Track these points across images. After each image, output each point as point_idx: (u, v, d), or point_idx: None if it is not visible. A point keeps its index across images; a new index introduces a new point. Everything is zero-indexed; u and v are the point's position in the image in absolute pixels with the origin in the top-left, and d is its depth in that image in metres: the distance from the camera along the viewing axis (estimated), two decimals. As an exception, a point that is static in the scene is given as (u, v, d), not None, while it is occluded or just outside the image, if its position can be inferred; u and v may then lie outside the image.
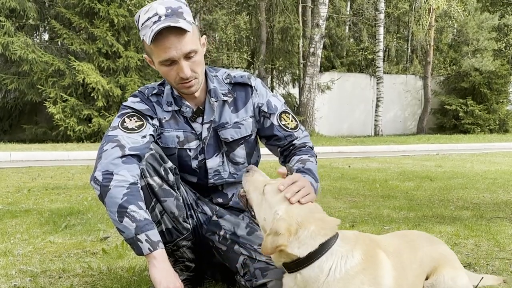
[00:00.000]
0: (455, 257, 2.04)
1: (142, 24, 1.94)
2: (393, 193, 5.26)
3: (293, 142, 2.23)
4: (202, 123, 2.15)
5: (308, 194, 1.73)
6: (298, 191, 1.71)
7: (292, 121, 2.26)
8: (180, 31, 1.91)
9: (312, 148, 2.25)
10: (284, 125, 2.23)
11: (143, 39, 1.97)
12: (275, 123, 2.22)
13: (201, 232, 2.24)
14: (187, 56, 1.95)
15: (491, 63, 20.86)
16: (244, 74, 2.23)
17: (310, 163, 2.10)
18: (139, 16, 1.96)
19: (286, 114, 2.26)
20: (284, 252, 1.65)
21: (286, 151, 2.25)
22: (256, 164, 2.33)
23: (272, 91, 2.32)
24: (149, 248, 1.78)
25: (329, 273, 1.64)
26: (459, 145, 14.47)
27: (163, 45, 1.91)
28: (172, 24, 1.88)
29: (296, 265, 1.67)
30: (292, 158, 2.17)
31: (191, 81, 2.00)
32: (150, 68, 15.12)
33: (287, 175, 1.80)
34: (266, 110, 2.22)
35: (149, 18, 1.92)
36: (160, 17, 1.90)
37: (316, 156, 2.22)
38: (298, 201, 1.70)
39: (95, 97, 13.92)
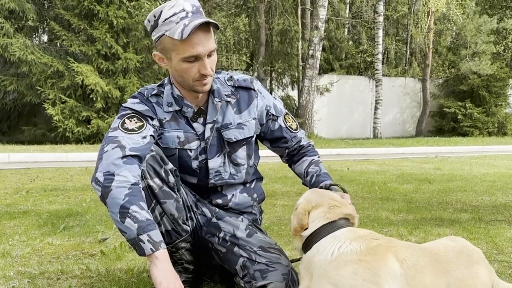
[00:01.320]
0: (490, 282, 1.88)
1: (166, 19, 1.94)
2: (392, 195, 5.26)
3: (301, 143, 2.34)
4: (205, 123, 2.15)
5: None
6: None
7: (293, 122, 2.36)
8: (207, 28, 1.94)
9: (314, 146, 2.41)
10: (289, 126, 2.32)
11: (163, 35, 1.96)
12: (283, 125, 2.30)
13: (200, 234, 2.24)
14: (209, 54, 1.98)
15: (489, 66, 20.87)
16: (247, 78, 2.25)
17: (321, 164, 2.29)
18: (162, 11, 1.95)
19: (288, 116, 2.35)
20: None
21: (294, 151, 2.35)
22: (255, 165, 2.35)
23: (271, 93, 2.36)
24: (151, 249, 1.78)
25: (322, 253, 1.70)
26: (458, 148, 14.48)
27: (192, 41, 1.91)
28: (211, 20, 1.91)
29: (305, 246, 1.80)
30: (304, 159, 2.31)
31: (208, 78, 2.03)
32: (149, 69, 15.13)
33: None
34: (274, 113, 2.29)
35: (175, 14, 1.93)
36: (187, 13, 1.93)
37: None
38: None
39: (94, 99, 13.93)
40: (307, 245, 1.79)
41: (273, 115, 2.28)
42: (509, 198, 5.08)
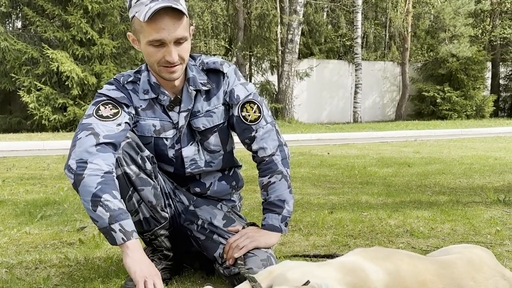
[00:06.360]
0: None
1: (137, 0, 1.91)
2: (372, 179, 5.29)
3: (262, 150, 2.14)
4: (179, 112, 2.12)
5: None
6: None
7: (255, 112, 2.14)
8: (177, 15, 1.89)
9: (272, 154, 2.15)
10: (243, 116, 2.13)
11: (133, 16, 1.94)
12: (235, 114, 2.14)
13: (179, 221, 2.22)
14: (177, 42, 1.93)
15: (468, 49, 21.09)
16: (217, 60, 2.17)
17: (272, 186, 2.16)
18: None
19: (251, 104, 2.14)
20: None
21: (254, 155, 2.19)
22: (231, 151, 2.29)
23: (251, 79, 2.27)
24: (122, 238, 1.76)
25: None
26: (437, 131, 14.64)
27: (157, 25, 1.88)
28: (174, 6, 1.86)
29: None
30: (259, 179, 2.19)
31: (176, 66, 1.97)
32: (125, 55, 14.94)
33: None
34: (228, 100, 2.15)
35: None
36: None
37: (287, 155, 2.17)
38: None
39: (70, 86, 13.72)
40: None
41: (227, 101, 2.15)
42: (486, 180, 5.15)
